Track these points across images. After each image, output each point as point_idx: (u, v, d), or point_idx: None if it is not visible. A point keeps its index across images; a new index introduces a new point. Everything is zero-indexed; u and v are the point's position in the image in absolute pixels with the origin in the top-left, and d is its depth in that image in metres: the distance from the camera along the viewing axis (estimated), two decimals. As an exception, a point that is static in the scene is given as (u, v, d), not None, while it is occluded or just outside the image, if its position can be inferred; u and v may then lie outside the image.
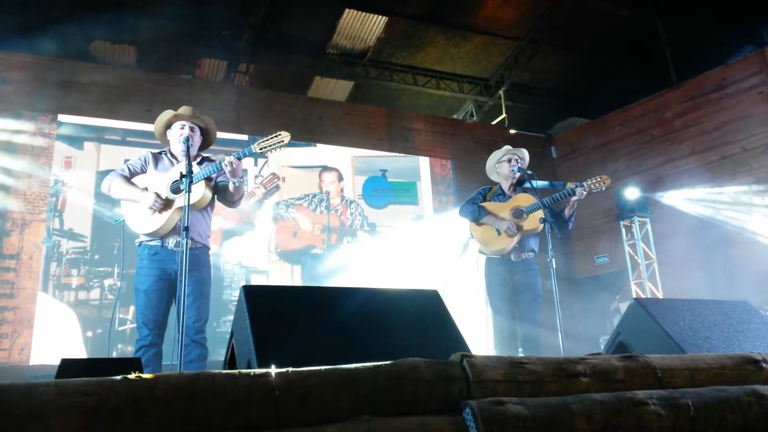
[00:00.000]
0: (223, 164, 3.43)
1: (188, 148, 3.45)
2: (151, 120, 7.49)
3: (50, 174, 6.73)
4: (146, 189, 3.57)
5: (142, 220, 3.54)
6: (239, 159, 3.48)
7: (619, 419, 1.64)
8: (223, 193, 3.68)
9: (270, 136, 3.46)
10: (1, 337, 6.16)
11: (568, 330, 4.19)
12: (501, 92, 10.31)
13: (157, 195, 3.51)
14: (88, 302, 6.50)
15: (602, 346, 7.21)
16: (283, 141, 3.42)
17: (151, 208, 3.49)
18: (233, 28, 8.52)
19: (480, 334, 7.72)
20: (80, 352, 6.30)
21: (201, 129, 3.76)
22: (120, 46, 8.49)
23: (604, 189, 4.42)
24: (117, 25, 7.90)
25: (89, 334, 6.41)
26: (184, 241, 3.07)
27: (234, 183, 3.53)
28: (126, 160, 3.93)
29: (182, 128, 3.66)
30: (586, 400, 1.65)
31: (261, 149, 3.46)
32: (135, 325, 3.57)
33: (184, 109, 3.73)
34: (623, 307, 7.93)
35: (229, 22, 8.40)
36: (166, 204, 3.52)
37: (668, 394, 1.79)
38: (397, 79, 9.85)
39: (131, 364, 2.14)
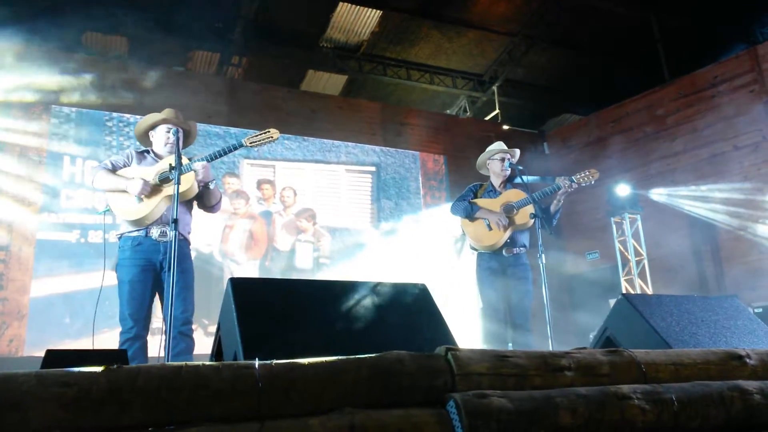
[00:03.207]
0: (193, 166, 3.49)
1: (178, 140, 3.44)
2: (143, 111, 7.46)
3: (42, 165, 6.69)
4: (133, 178, 3.58)
5: (128, 208, 3.55)
6: (221, 156, 3.59)
7: (602, 413, 1.65)
8: (200, 198, 3.75)
9: (260, 132, 3.58)
10: (-11, 328, 6.14)
11: (557, 326, 4.21)
12: (495, 88, 10.32)
13: (145, 181, 3.54)
14: (78, 294, 6.46)
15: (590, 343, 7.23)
16: (272, 137, 3.56)
17: (139, 194, 3.51)
18: (226, 20, 8.47)
19: (470, 329, 7.73)
20: (72, 345, 6.27)
21: (183, 131, 3.82)
22: (112, 37, 8.44)
23: (593, 182, 4.43)
24: (109, 17, 7.85)
25: (78, 326, 6.38)
26: (173, 233, 3.08)
27: (210, 185, 3.64)
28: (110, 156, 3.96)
29: (168, 131, 3.72)
30: (570, 394, 1.66)
31: (251, 143, 3.57)
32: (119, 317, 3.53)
33: (168, 112, 3.79)
34: (612, 303, 7.96)
35: (222, 14, 8.36)
36: (153, 192, 3.55)
37: (652, 389, 1.80)
38: (391, 74, 9.84)
39: (117, 355, 2.14)
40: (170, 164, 3.31)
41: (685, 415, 1.78)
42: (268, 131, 3.55)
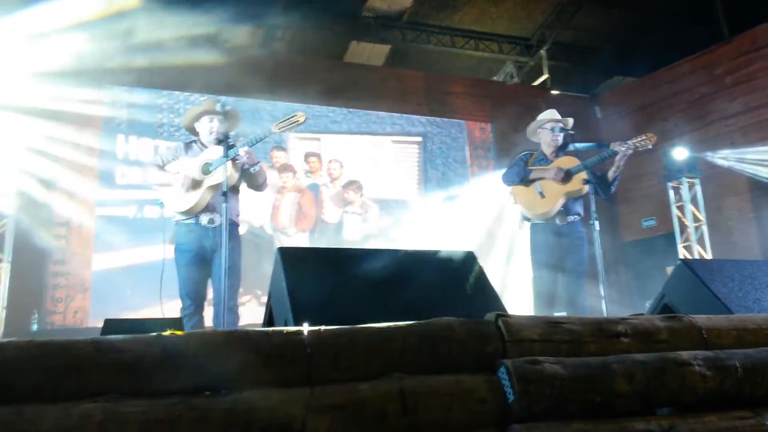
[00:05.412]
0: (238, 153, 3.71)
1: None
2: (190, 88, 7.52)
3: (97, 142, 6.89)
4: (178, 173, 3.87)
5: (177, 200, 3.85)
6: (254, 144, 3.80)
7: (661, 379, 1.59)
8: (249, 178, 3.96)
9: (287, 117, 3.69)
10: (56, 301, 6.44)
11: (612, 296, 4.11)
12: (542, 52, 10.01)
13: (186, 176, 3.81)
14: (138, 267, 6.66)
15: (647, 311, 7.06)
16: (298, 121, 3.64)
17: (183, 186, 3.80)
18: (269, -7, 8.45)
19: (522, 299, 7.65)
20: (133, 316, 6.49)
21: (225, 117, 4.03)
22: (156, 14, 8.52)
23: (650, 147, 4.27)
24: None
25: (139, 298, 6.59)
26: (223, 209, 3.43)
27: (252, 170, 3.85)
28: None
29: (210, 121, 3.95)
30: (627, 360, 1.60)
31: (279, 129, 3.70)
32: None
33: (208, 103, 3.98)
34: (670, 270, 7.73)
35: (265, -12, 8.33)
36: (197, 184, 3.81)
37: (714, 355, 1.72)
38: (435, 42, 9.66)
39: (173, 323, 2.19)
40: (211, 156, 3.72)
41: (750, 382, 1.70)
42: (295, 115, 3.65)
